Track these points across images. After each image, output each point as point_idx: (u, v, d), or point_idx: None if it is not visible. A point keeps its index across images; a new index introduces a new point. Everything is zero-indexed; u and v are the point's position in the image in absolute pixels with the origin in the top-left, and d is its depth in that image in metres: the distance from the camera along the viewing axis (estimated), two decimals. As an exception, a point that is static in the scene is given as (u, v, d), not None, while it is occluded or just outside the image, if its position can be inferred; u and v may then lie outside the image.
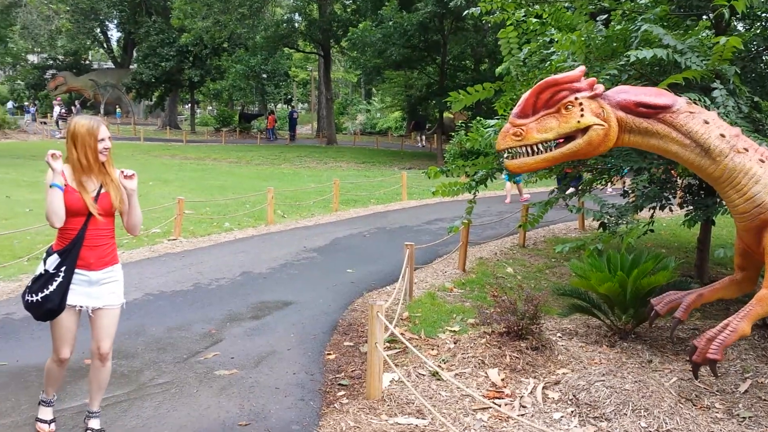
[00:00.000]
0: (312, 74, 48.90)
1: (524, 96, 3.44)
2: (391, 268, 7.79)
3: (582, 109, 3.36)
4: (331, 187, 13.50)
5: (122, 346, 4.98)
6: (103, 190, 3.42)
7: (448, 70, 28.06)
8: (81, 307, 3.43)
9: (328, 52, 34.27)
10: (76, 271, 3.38)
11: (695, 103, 3.94)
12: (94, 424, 3.58)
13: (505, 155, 3.51)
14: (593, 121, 3.36)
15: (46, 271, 3.35)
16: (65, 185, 3.32)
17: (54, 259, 3.35)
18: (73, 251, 3.36)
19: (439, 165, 8.28)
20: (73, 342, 3.52)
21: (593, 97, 3.39)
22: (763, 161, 3.44)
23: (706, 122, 3.44)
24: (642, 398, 3.89)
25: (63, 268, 3.35)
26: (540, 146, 3.42)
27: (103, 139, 3.37)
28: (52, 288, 3.32)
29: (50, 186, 3.27)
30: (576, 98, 3.36)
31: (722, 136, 3.42)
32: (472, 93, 5.63)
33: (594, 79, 3.45)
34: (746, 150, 3.42)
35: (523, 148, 3.42)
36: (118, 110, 47.15)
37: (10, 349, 4.92)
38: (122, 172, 3.42)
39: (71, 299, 3.38)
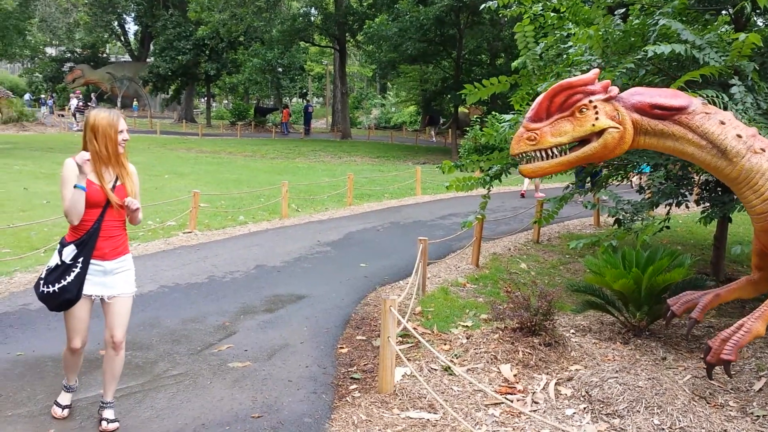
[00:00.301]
0: (327, 68, 48.93)
1: (537, 100, 3.41)
2: (405, 263, 7.80)
3: (596, 112, 3.32)
4: (345, 181, 13.52)
5: (137, 337, 5.04)
6: (118, 182, 3.51)
7: (464, 64, 27.98)
8: (95, 296, 3.49)
9: (343, 46, 34.23)
10: (92, 261, 3.44)
11: (713, 100, 3.90)
12: (108, 414, 3.62)
13: (520, 159, 3.48)
14: (608, 124, 3.32)
15: (63, 262, 3.41)
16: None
17: (71, 250, 3.41)
18: (89, 242, 3.42)
19: (453, 160, 8.25)
20: (85, 333, 3.58)
21: (608, 100, 3.35)
22: None
23: (722, 123, 3.40)
24: (655, 395, 3.87)
25: (80, 259, 3.41)
26: (555, 150, 3.38)
27: (122, 131, 3.47)
28: (69, 279, 3.39)
29: (74, 187, 3.33)
30: (590, 101, 3.33)
31: (739, 136, 3.38)
32: (487, 86, 5.60)
33: (608, 81, 3.41)
34: (763, 150, 3.38)
35: (538, 153, 3.39)
36: (134, 103, 47.52)
37: (26, 340, 4.99)
38: (128, 206, 3.46)
39: (87, 289, 3.44)
